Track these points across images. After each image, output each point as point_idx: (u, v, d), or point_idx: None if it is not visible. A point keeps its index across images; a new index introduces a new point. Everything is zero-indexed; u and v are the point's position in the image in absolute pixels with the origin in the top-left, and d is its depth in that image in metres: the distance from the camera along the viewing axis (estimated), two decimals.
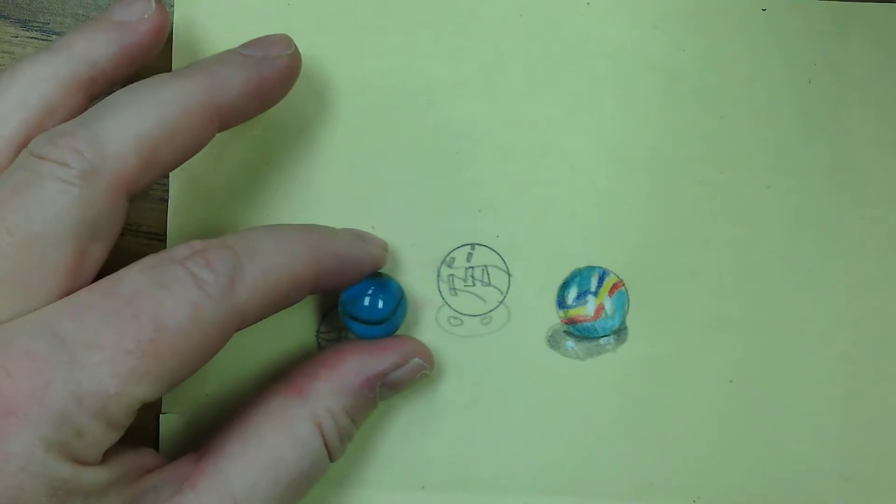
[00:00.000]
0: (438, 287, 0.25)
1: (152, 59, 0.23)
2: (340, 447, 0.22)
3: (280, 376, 0.23)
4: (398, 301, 0.24)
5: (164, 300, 0.19)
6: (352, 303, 0.23)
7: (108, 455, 0.19)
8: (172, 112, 0.20)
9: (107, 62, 0.21)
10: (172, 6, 0.25)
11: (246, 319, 0.20)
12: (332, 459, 0.22)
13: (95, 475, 0.19)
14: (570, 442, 0.25)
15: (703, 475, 0.25)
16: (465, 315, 0.25)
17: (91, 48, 0.21)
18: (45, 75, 0.21)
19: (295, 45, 0.23)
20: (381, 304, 0.23)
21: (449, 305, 0.25)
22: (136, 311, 0.19)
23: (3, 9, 0.25)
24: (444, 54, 0.25)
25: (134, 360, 0.18)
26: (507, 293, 0.25)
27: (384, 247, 0.24)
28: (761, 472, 0.25)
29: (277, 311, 0.21)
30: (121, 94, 0.21)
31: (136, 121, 0.20)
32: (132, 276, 0.19)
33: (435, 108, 0.25)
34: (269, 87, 0.22)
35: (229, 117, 0.22)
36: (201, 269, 0.20)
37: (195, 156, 0.22)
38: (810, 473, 0.25)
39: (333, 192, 0.25)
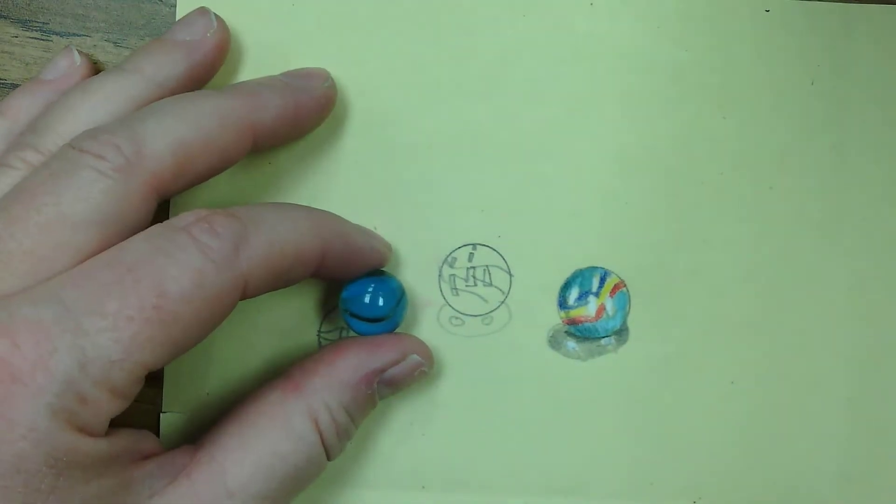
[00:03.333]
0: (440, 287, 0.25)
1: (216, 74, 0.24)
2: (338, 444, 0.22)
3: (279, 373, 0.23)
4: (399, 299, 0.24)
5: (168, 267, 0.19)
6: (352, 300, 0.23)
7: (109, 431, 0.19)
8: (210, 124, 0.21)
9: (175, 82, 0.22)
10: (174, 6, 0.25)
11: (249, 288, 0.20)
12: (329, 457, 0.22)
13: (96, 446, 0.19)
14: (571, 442, 0.25)
15: (704, 476, 0.25)
16: (466, 315, 0.25)
17: (159, 70, 0.22)
18: (114, 94, 0.22)
19: (332, 79, 0.24)
20: (381, 302, 0.23)
21: (450, 305, 0.25)
22: (138, 278, 0.19)
23: (3, 9, 0.25)
24: (447, 54, 0.25)
25: (136, 326, 0.18)
26: (508, 293, 0.25)
27: (388, 246, 0.24)
28: (762, 473, 0.25)
29: (281, 286, 0.22)
30: (164, 102, 0.21)
31: (175, 126, 0.20)
32: (136, 244, 0.19)
33: (438, 108, 0.25)
34: (305, 115, 0.23)
35: (263, 138, 0.22)
36: (205, 234, 0.20)
37: None
38: (811, 474, 0.25)
39: (336, 191, 0.25)
